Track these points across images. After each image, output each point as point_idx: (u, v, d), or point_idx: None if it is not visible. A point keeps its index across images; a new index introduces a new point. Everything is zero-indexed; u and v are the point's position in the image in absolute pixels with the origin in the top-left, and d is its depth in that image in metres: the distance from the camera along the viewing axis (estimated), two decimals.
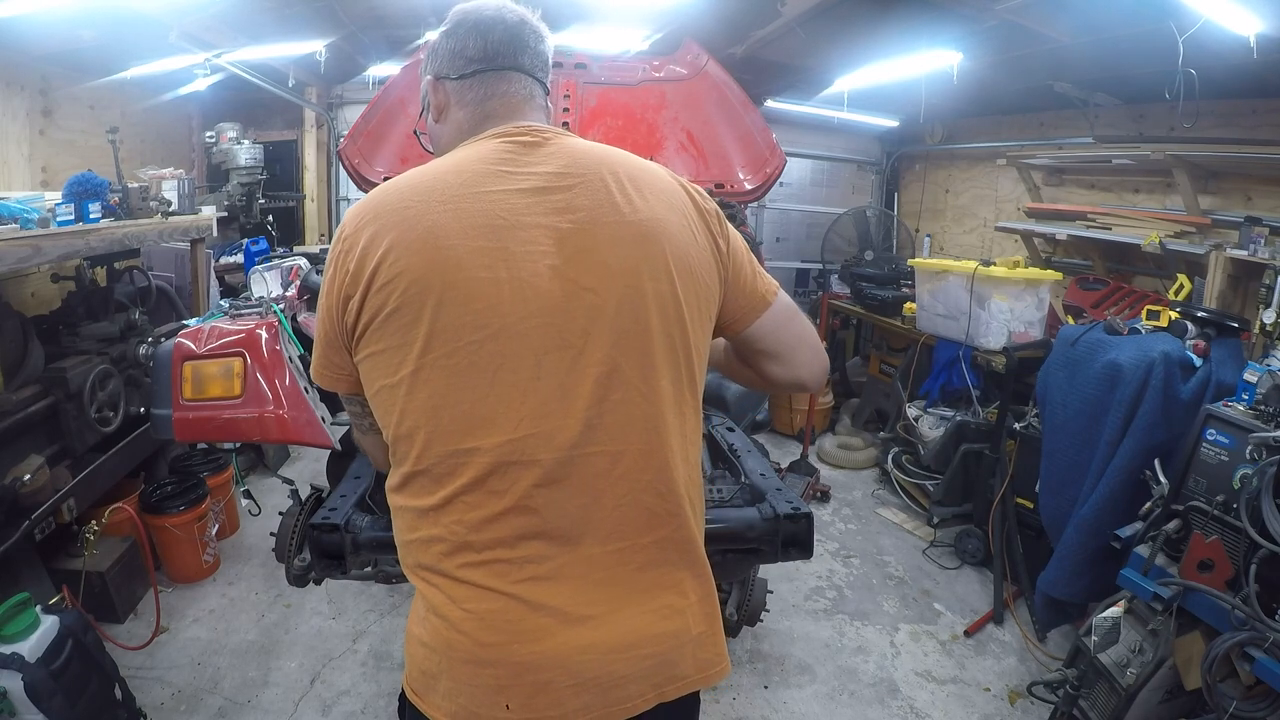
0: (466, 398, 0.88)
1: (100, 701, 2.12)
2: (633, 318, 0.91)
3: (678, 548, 0.96)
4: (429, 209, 0.90)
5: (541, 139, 0.98)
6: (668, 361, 0.94)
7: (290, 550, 1.82)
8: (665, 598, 0.95)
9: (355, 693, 2.58)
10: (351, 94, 5.92)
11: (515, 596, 0.89)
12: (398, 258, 0.88)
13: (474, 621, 0.89)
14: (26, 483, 2.34)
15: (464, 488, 0.89)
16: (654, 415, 0.93)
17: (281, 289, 2.07)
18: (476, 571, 0.89)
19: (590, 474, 0.90)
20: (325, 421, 1.80)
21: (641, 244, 0.93)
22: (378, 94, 3.35)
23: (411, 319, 0.88)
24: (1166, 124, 3.88)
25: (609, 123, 3.34)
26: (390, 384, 0.91)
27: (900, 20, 3.53)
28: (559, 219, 0.92)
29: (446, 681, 0.92)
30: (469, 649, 0.89)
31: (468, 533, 0.89)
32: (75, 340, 2.86)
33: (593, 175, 0.95)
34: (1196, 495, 2.07)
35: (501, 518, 0.89)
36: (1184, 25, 2.75)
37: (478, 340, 0.87)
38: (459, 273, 0.87)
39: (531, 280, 0.89)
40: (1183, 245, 3.59)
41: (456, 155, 0.98)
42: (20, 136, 3.56)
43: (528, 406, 0.88)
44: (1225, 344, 2.49)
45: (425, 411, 0.89)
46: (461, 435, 0.88)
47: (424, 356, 0.88)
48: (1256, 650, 1.73)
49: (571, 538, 0.90)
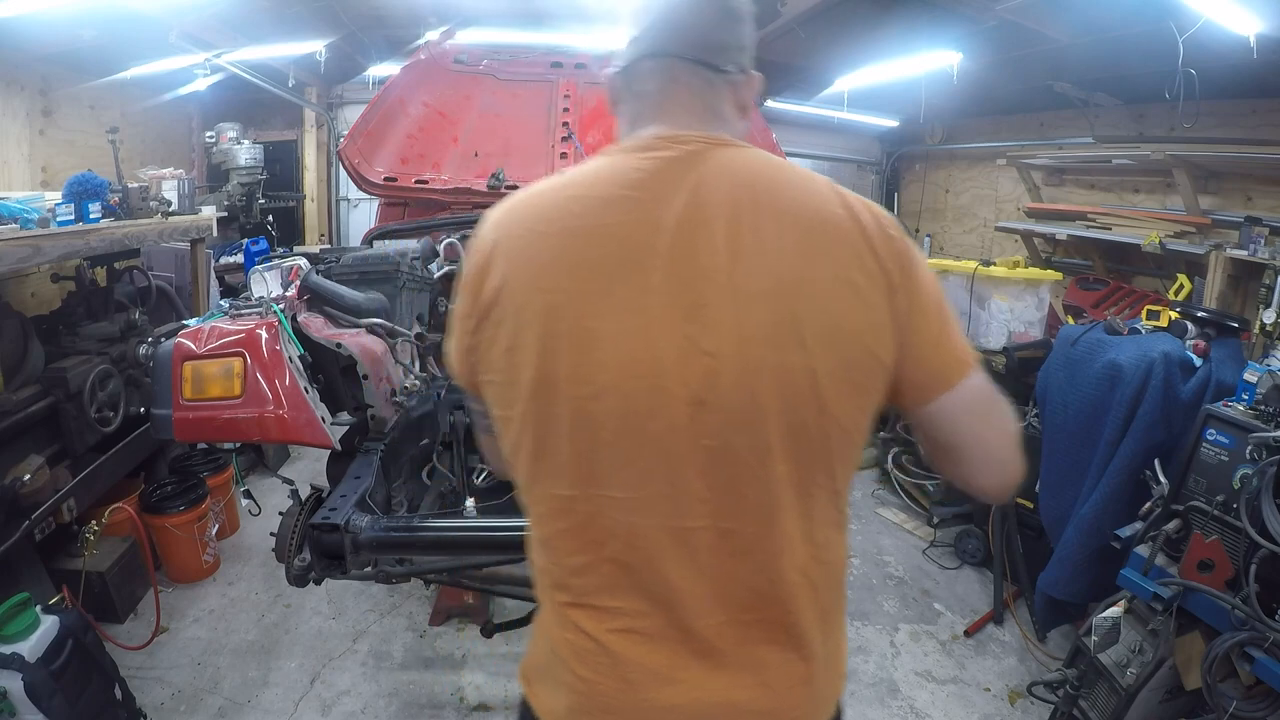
0: (566, 449, 0.82)
1: (100, 701, 2.12)
2: (749, 392, 0.78)
3: (784, 630, 0.86)
4: (546, 241, 0.82)
5: (682, 153, 0.83)
6: (788, 442, 0.79)
7: (290, 550, 1.81)
8: (762, 675, 0.86)
9: (355, 693, 2.58)
10: (351, 94, 5.93)
11: (606, 646, 0.85)
12: (511, 294, 0.81)
13: (569, 650, 0.88)
14: (26, 483, 2.34)
15: (562, 532, 0.85)
16: (767, 498, 0.81)
17: (281, 289, 2.07)
18: (573, 611, 0.87)
19: (691, 547, 0.82)
20: (325, 421, 1.80)
21: (772, 302, 0.77)
22: (378, 94, 3.35)
23: (521, 360, 0.81)
24: (1166, 124, 3.88)
25: (609, 123, 3.31)
26: (503, 415, 0.86)
27: (900, 20, 3.53)
28: (682, 266, 0.78)
29: (549, 685, 0.94)
30: (563, 673, 0.89)
31: (565, 575, 0.87)
32: (75, 340, 2.86)
33: (735, 208, 0.79)
34: (1196, 495, 2.06)
35: (597, 566, 0.84)
36: (1184, 25, 2.75)
37: (583, 396, 0.79)
38: (569, 320, 0.79)
39: (644, 335, 0.78)
40: (1183, 245, 3.59)
41: (588, 172, 0.86)
42: (20, 136, 3.56)
43: (633, 470, 0.81)
44: (1225, 344, 2.49)
45: (531, 453, 0.84)
46: (566, 484, 0.83)
47: (530, 401, 0.82)
48: (1256, 650, 1.72)
49: (669, 603, 0.83)
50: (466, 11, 4.08)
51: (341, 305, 2.16)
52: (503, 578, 2.39)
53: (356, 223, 6.23)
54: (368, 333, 2.12)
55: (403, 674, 2.69)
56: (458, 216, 3.01)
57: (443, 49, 3.45)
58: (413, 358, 2.46)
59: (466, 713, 2.52)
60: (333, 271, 2.37)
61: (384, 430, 2.07)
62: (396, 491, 2.15)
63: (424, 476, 2.55)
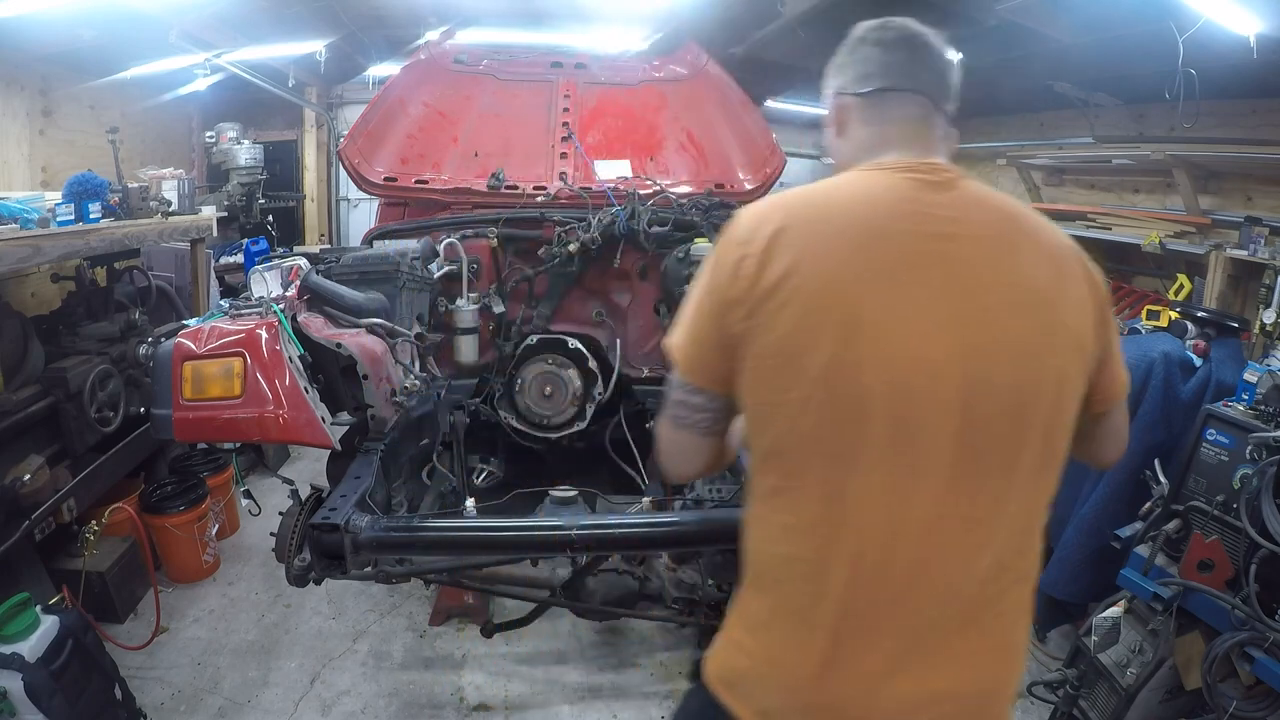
0: (834, 435, 0.87)
1: (100, 701, 2.12)
2: (1014, 392, 0.87)
3: (1003, 616, 0.95)
4: (837, 240, 0.89)
5: (945, 179, 0.94)
6: (1035, 439, 0.90)
7: (290, 550, 1.81)
8: (993, 656, 0.94)
9: (355, 693, 2.58)
10: (351, 94, 5.93)
11: (837, 634, 0.90)
12: (800, 284, 0.87)
13: (798, 642, 0.91)
14: (26, 483, 2.34)
15: (826, 517, 0.89)
16: (1008, 491, 0.90)
17: (281, 289, 2.07)
18: (822, 599, 0.90)
19: (939, 534, 0.88)
20: (325, 421, 1.80)
21: (1036, 313, 0.89)
22: (378, 94, 3.35)
23: (805, 346, 0.87)
24: (1166, 124, 3.87)
25: (609, 123, 3.33)
26: (775, 401, 0.90)
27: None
28: (962, 272, 0.88)
29: (755, 687, 0.95)
30: (787, 667, 0.93)
31: (822, 558, 0.90)
32: (75, 340, 2.86)
33: (997, 230, 0.92)
34: (1196, 495, 2.06)
35: (850, 553, 0.88)
36: (1184, 25, 2.75)
37: (868, 383, 0.86)
38: (859, 315, 0.86)
39: (925, 333, 0.86)
40: (1183, 245, 3.59)
41: (862, 183, 0.95)
42: (20, 136, 3.56)
43: (901, 458, 0.87)
44: (1225, 344, 2.49)
45: (811, 436, 0.88)
46: (842, 466, 0.88)
47: (817, 385, 0.86)
48: (1256, 650, 1.72)
49: (912, 586, 0.89)
50: (466, 11, 4.09)
51: (341, 305, 2.16)
52: (503, 578, 2.39)
53: (356, 223, 6.23)
54: (368, 333, 2.12)
55: (403, 674, 2.69)
56: (458, 216, 3.01)
57: (443, 49, 3.45)
58: (413, 358, 2.46)
59: (466, 713, 2.52)
60: (333, 271, 2.37)
61: (384, 430, 2.07)
62: (396, 491, 2.15)
63: (424, 476, 2.55)
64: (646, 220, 2.80)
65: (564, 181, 3.07)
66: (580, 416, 2.91)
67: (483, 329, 2.94)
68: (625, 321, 3.03)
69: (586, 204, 2.94)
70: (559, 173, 3.13)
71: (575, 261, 2.85)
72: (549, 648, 2.86)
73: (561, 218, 2.91)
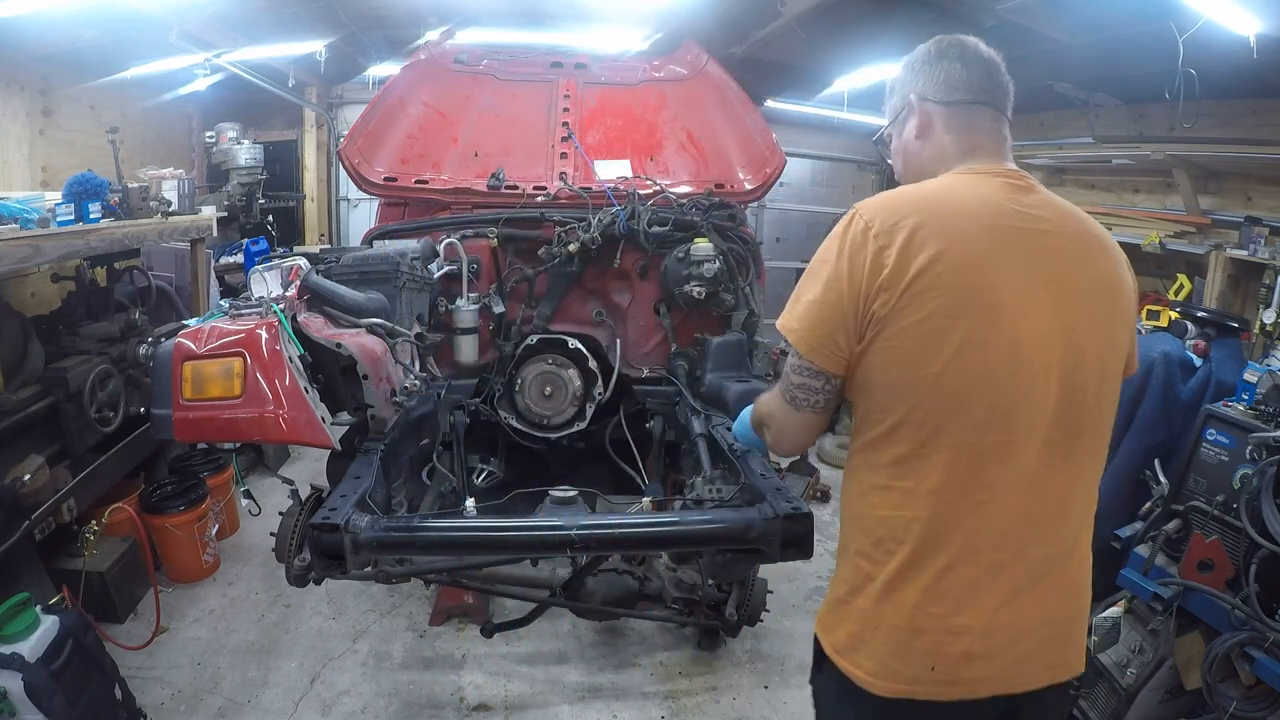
0: (965, 405, 1.02)
1: (100, 701, 2.12)
2: (1099, 364, 1.07)
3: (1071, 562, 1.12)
4: (971, 231, 1.03)
5: (1028, 184, 1.10)
6: (1105, 403, 1.10)
7: (290, 550, 1.81)
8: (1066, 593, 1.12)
9: (355, 693, 2.58)
10: (351, 94, 5.93)
11: (960, 580, 1.04)
12: (944, 269, 0.99)
13: (921, 593, 1.05)
14: (26, 483, 2.34)
15: (952, 479, 1.03)
16: (1082, 451, 1.09)
17: (281, 289, 2.06)
18: (940, 550, 1.04)
19: (1036, 488, 1.05)
20: (325, 421, 1.80)
21: (1109, 298, 1.09)
22: (378, 94, 3.34)
23: (947, 326, 1.00)
24: (1166, 124, 3.87)
25: (609, 123, 3.33)
26: (914, 376, 1.02)
27: (900, 20, 3.52)
28: (1059, 262, 1.06)
29: (879, 645, 1.07)
30: (910, 615, 1.05)
31: (948, 512, 1.04)
32: (75, 340, 2.86)
33: (1074, 227, 1.10)
34: (1196, 495, 2.07)
35: (971, 505, 1.04)
36: (1184, 25, 2.75)
37: (992, 362, 1.01)
38: (998, 298, 1.01)
39: (1037, 316, 1.02)
40: (1183, 245, 3.59)
41: (969, 186, 1.10)
42: (20, 136, 3.56)
43: (1013, 419, 1.02)
44: (1225, 344, 2.49)
45: (937, 410, 1.02)
46: (974, 431, 1.02)
47: (955, 358, 1.00)
48: (1256, 650, 1.73)
49: (1012, 535, 1.05)
50: (466, 11, 4.08)
51: (341, 305, 2.16)
52: (503, 578, 2.39)
53: (356, 223, 6.22)
54: (368, 333, 2.12)
55: (403, 674, 2.69)
56: (458, 216, 3.00)
57: (443, 49, 3.44)
58: (413, 358, 2.46)
59: (466, 713, 2.52)
60: (333, 271, 2.37)
61: (384, 430, 2.07)
62: (396, 491, 2.15)
63: (424, 476, 2.55)
64: (646, 220, 2.80)
65: (564, 181, 3.07)
66: (580, 416, 2.91)
67: (483, 329, 2.95)
68: (625, 321, 3.03)
69: (586, 204, 2.94)
70: (559, 173, 3.13)
71: (575, 261, 2.85)
72: (549, 648, 2.86)
73: (561, 218, 2.91)
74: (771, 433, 1.26)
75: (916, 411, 1.03)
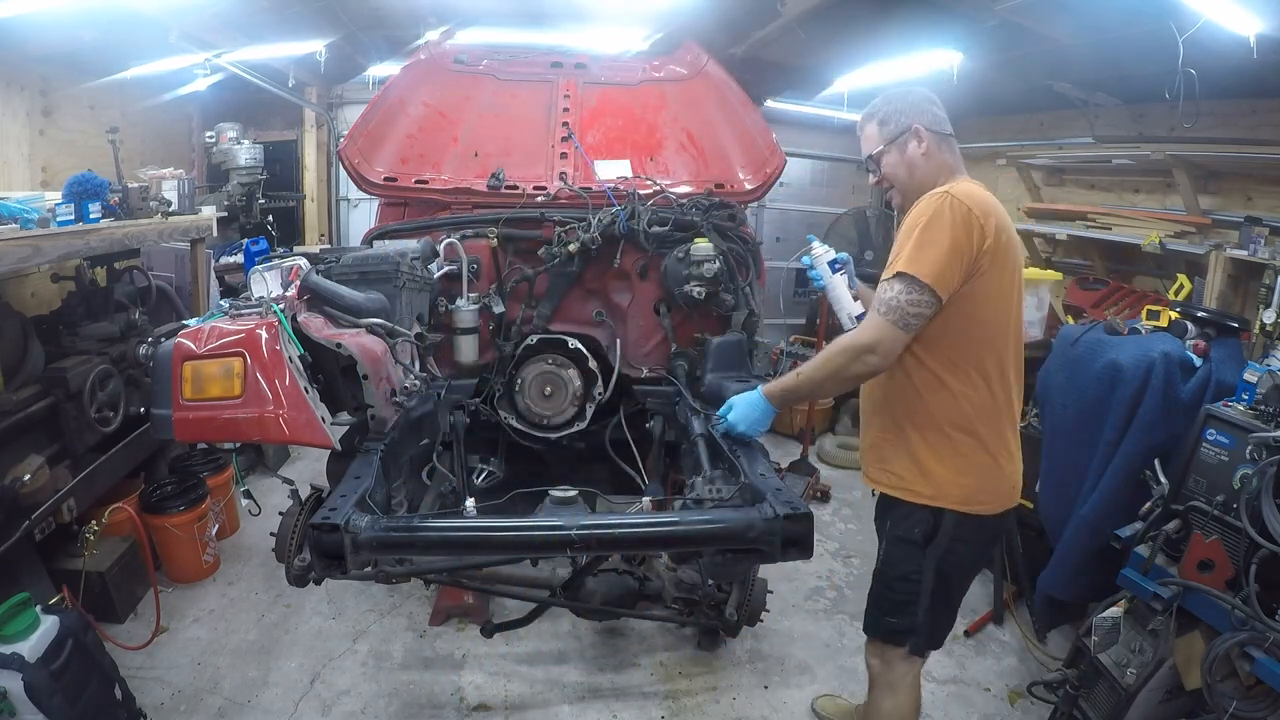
0: (1007, 337, 1.74)
1: (100, 701, 2.12)
2: (1021, 320, 1.79)
3: None
4: (1004, 216, 1.67)
5: None
6: None
7: (290, 550, 1.81)
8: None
9: (355, 693, 2.58)
10: (351, 94, 5.93)
11: (1009, 446, 1.80)
12: (1006, 241, 1.66)
13: (995, 455, 1.76)
14: (26, 483, 2.34)
15: (999, 385, 1.74)
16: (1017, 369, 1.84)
17: (281, 289, 2.06)
18: (1002, 428, 1.78)
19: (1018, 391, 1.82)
20: (325, 421, 1.80)
21: None
22: (378, 94, 3.34)
23: (1009, 284, 1.70)
24: (1166, 124, 3.87)
25: (609, 123, 3.33)
26: (990, 319, 1.70)
27: (900, 20, 3.52)
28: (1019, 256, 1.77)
29: (988, 495, 1.77)
30: (993, 465, 1.76)
31: (997, 407, 1.75)
32: (75, 340, 2.86)
33: None
34: (1196, 495, 2.06)
35: (1007, 400, 1.78)
36: (1184, 25, 2.75)
37: (1014, 309, 1.74)
38: (1017, 258, 1.72)
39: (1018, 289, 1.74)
40: (1183, 245, 3.59)
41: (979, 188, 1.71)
42: (20, 136, 3.56)
43: (1010, 330, 1.76)
44: (1225, 344, 2.49)
45: (997, 339, 1.72)
46: (1004, 356, 1.75)
47: (1008, 309, 1.72)
48: (1256, 650, 1.72)
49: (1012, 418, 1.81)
50: (466, 11, 4.08)
51: (341, 305, 2.16)
52: (503, 578, 2.39)
53: (356, 223, 6.22)
54: (368, 333, 2.11)
55: (403, 674, 2.69)
56: (458, 216, 3.00)
57: (443, 49, 3.44)
58: (413, 358, 2.46)
59: (466, 713, 2.52)
60: (333, 271, 2.36)
61: (384, 430, 2.07)
62: (396, 491, 2.14)
63: (424, 476, 2.55)
64: (646, 220, 2.80)
65: (564, 181, 3.07)
66: (580, 416, 2.91)
67: (483, 329, 2.94)
68: (625, 321, 3.02)
69: (586, 204, 2.94)
70: (559, 173, 3.13)
71: (575, 261, 2.85)
72: (549, 648, 2.86)
73: (561, 218, 2.91)
74: (878, 356, 1.65)
75: (991, 343, 1.71)
